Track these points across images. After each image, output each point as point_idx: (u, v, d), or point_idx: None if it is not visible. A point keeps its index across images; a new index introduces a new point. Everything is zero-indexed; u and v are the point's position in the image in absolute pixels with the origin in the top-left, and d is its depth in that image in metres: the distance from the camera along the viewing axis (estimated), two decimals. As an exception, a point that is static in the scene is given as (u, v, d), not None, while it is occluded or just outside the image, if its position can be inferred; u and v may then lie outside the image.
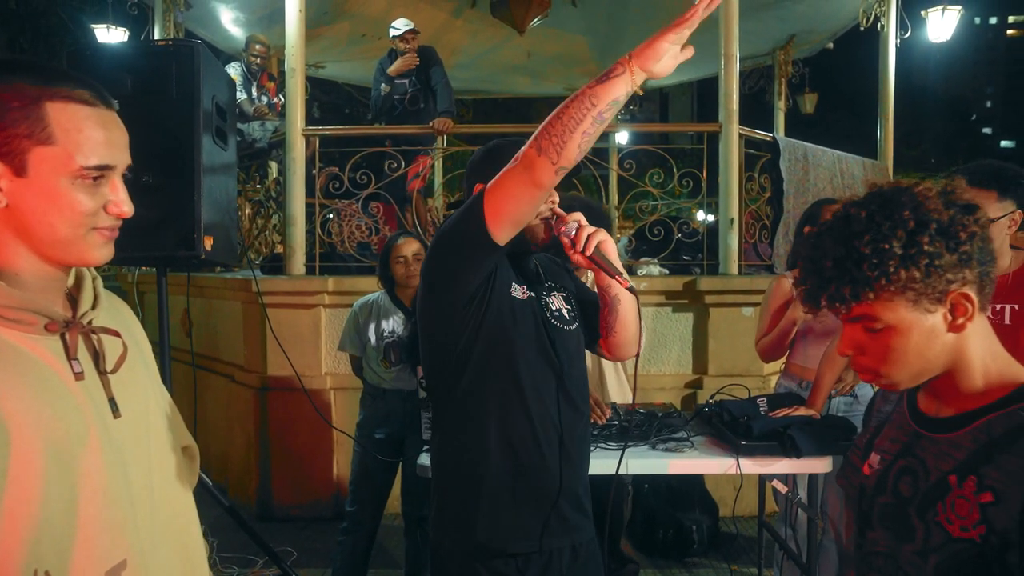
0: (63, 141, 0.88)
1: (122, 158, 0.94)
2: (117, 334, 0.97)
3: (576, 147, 1.29)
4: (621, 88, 1.26)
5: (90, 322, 0.94)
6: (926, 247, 0.91)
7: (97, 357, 0.94)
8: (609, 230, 2.81)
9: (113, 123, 0.93)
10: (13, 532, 0.81)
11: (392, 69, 5.06)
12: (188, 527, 1.08)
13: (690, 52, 1.26)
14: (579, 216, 1.51)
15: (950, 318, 0.95)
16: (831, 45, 7.00)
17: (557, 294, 1.67)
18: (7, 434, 0.81)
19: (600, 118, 1.27)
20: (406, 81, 5.13)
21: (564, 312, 1.64)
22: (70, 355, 0.90)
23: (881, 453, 1.08)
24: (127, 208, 0.93)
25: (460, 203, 1.65)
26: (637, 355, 1.58)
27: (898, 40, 5.92)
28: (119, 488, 0.92)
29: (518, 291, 1.56)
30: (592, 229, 1.48)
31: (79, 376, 0.90)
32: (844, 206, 0.99)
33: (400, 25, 5.07)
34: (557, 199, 1.57)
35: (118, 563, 0.90)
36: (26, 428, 0.83)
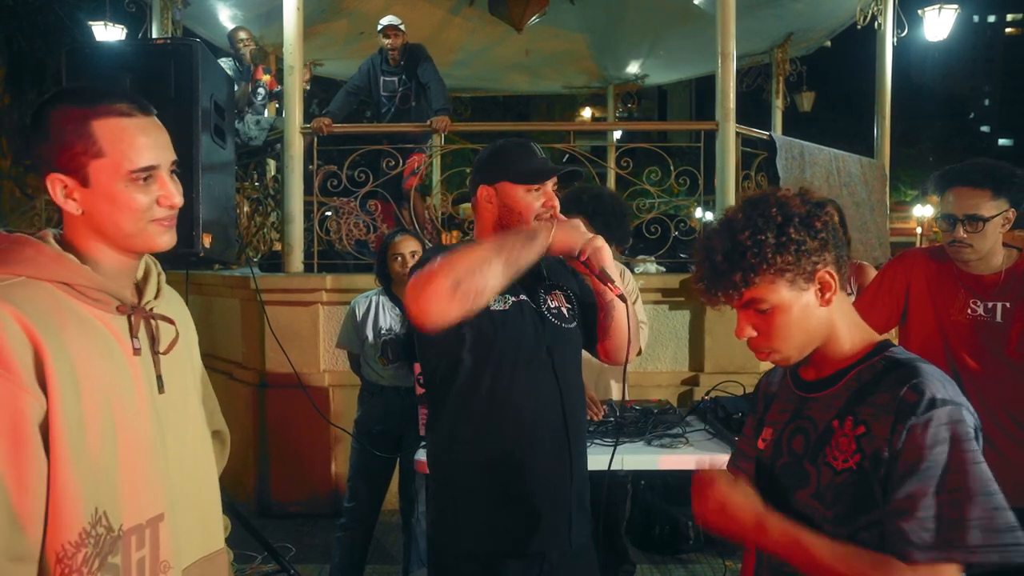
0: (111, 152, 1.02)
1: (165, 156, 1.07)
2: (172, 322, 1.14)
3: (486, 301, 1.42)
4: (536, 252, 1.43)
5: (151, 309, 1.10)
6: (793, 235, 1.09)
7: (153, 339, 1.09)
8: (623, 220, 2.81)
9: (152, 127, 1.07)
10: (82, 473, 0.96)
11: None
12: (211, 500, 1.21)
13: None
14: (577, 222, 1.53)
15: (820, 294, 1.13)
16: (829, 43, 7.01)
17: (559, 292, 1.69)
18: (80, 390, 0.97)
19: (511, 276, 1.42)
20: (395, 79, 5.13)
21: (564, 311, 1.66)
22: (132, 333, 1.06)
23: (773, 425, 1.25)
24: (177, 199, 1.08)
25: (466, 197, 1.70)
26: (626, 361, 1.61)
27: (895, 39, 5.93)
28: (159, 453, 1.07)
29: (499, 303, 1.56)
30: (589, 236, 1.50)
31: (136, 352, 1.06)
32: (724, 213, 1.18)
33: (384, 20, 5.06)
34: (558, 205, 1.59)
35: (157, 515, 1.05)
36: (93, 388, 0.99)
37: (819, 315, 1.14)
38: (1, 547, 0.91)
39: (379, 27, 5.05)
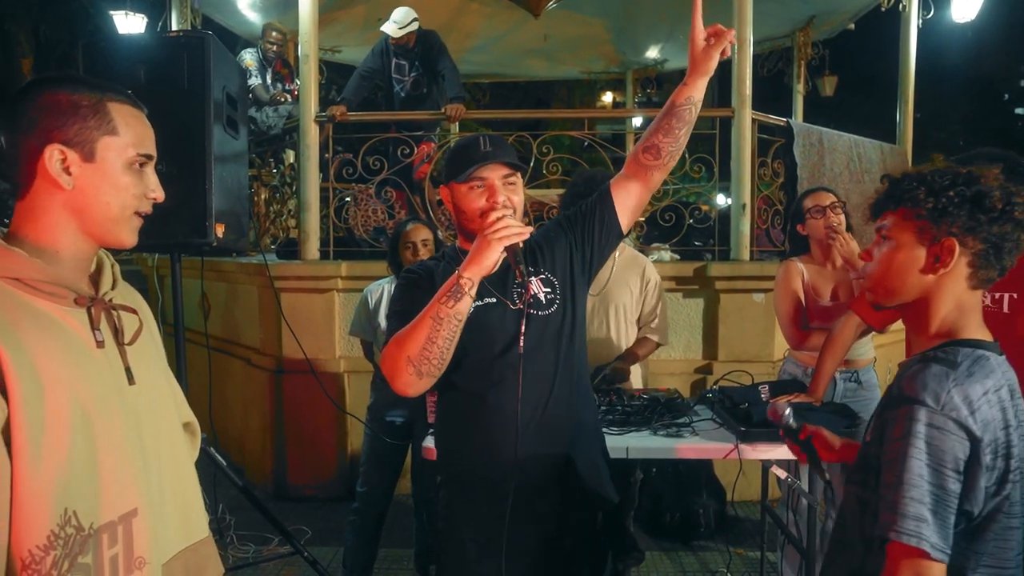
0: (124, 132, 1.06)
1: (155, 151, 1.12)
2: (134, 311, 1.12)
3: (449, 358, 1.50)
4: (468, 302, 1.47)
5: (111, 300, 1.08)
6: (952, 196, 1.14)
7: (117, 330, 1.08)
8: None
9: (148, 122, 1.12)
10: (47, 473, 0.93)
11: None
12: (190, 491, 1.20)
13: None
14: (493, 232, 1.47)
15: (932, 259, 1.17)
16: (852, 26, 6.87)
17: (534, 279, 1.66)
18: (42, 388, 0.94)
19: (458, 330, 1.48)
20: (407, 63, 5.10)
21: (541, 296, 1.66)
22: (93, 326, 1.04)
23: None
24: (161, 193, 1.12)
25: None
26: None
27: (920, 21, 5.81)
28: (133, 446, 1.05)
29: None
30: (495, 246, 1.46)
31: (100, 344, 1.03)
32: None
33: (400, 19, 4.89)
34: (503, 198, 1.56)
35: (130, 510, 1.03)
36: (57, 385, 0.95)
37: (918, 276, 1.18)
38: None
39: (401, 30, 4.89)
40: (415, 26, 4.94)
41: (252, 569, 3.29)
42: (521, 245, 1.50)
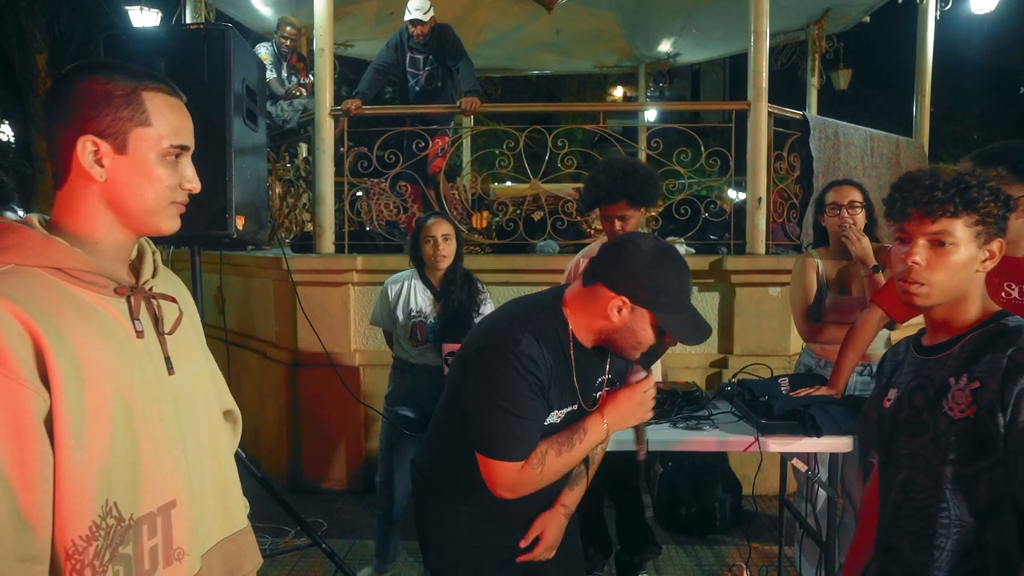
0: (157, 123, 1.03)
1: (192, 141, 1.09)
2: (174, 300, 1.11)
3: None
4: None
5: (151, 289, 1.08)
6: (1001, 196, 1.29)
7: (156, 320, 1.07)
8: (654, 194, 2.81)
9: (186, 111, 1.09)
10: (89, 464, 0.93)
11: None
12: (229, 481, 1.20)
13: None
14: (635, 394, 1.66)
15: (983, 258, 1.30)
16: (867, 19, 6.81)
17: (608, 389, 1.74)
18: (83, 378, 0.93)
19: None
20: (421, 57, 5.10)
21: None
22: (133, 315, 1.03)
23: (898, 387, 1.43)
24: (197, 185, 1.09)
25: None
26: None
27: (938, 13, 5.75)
28: (173, 436, 1.04)
29: (553, 417, 1.62)
30: (639, 411, 1.67)
31: (140, 334, 1.03)
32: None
33: (422, 5, 4.92)
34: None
35: (169, 501, 1.03)
36: (98, 375, 0.95)
37: (972, 274, 1.31)
38: (11, 549, 0.88)
39: (422, 18, 4.97)
40: (433, 11, 4.97)
41: (269, 561, 3.30)
42: None
